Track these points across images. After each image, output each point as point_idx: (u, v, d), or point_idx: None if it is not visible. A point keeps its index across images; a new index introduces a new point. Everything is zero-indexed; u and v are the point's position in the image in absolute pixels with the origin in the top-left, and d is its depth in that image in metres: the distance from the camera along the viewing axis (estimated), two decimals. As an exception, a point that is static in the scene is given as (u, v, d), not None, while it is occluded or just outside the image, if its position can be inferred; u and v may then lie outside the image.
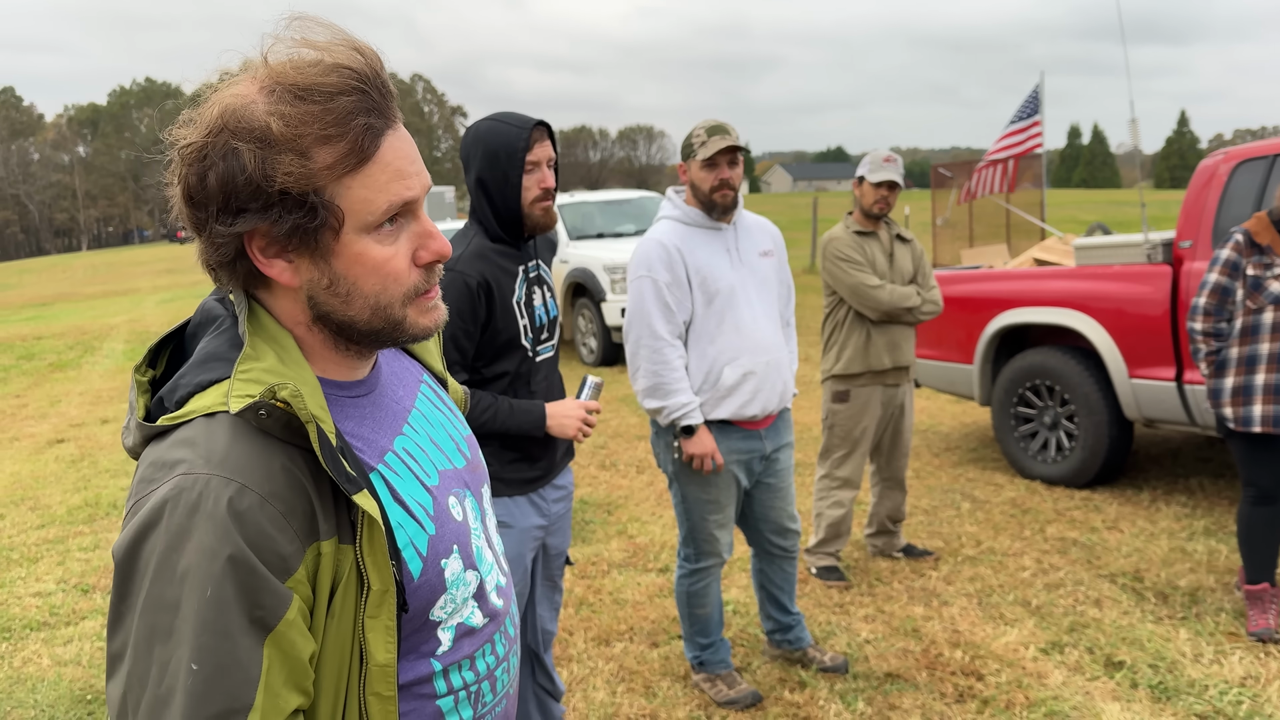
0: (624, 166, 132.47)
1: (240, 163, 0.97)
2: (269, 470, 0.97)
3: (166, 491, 0.95)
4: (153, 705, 0.92)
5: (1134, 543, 4.64)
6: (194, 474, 0.95)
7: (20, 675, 3.85)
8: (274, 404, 0.98)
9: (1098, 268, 5.33)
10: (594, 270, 10.55)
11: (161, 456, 0.98)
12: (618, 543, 5.02)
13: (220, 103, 0.99)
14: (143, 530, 0.94)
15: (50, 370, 12.94)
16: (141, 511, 0.96)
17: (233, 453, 0.97)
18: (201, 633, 0.92)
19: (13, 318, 21.26)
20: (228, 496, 0.94)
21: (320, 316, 1.07)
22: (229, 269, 1.04)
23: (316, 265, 1.03)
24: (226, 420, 0.99)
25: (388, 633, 1.05)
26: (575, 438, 2.59)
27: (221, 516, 0.93)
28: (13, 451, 8.03)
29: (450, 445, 1.24)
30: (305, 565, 0.98)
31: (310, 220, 0.99)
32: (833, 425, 4.42)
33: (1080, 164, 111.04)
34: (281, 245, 1.02)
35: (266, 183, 0.97)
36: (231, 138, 0.97)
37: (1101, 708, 3.21)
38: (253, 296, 1.08)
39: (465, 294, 2.44)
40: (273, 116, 0.97)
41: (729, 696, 3.36)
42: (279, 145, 0.97)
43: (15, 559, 5.26)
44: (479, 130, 2.51)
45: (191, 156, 0.99)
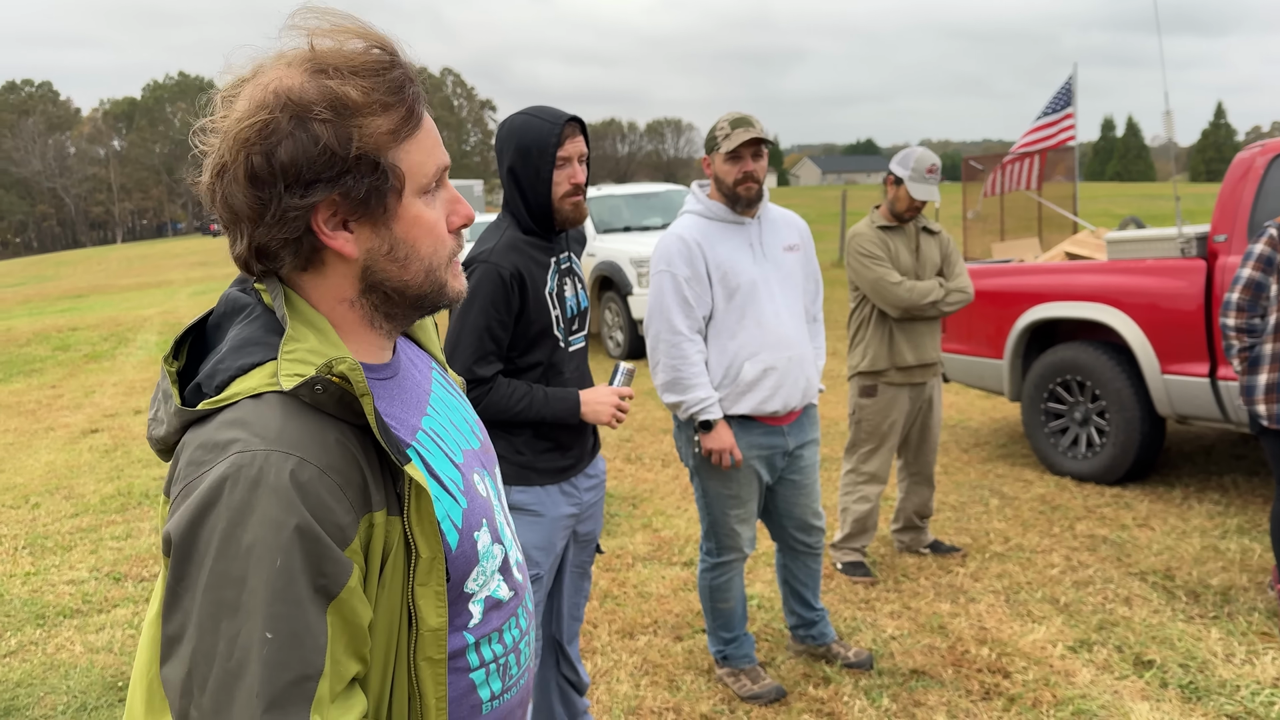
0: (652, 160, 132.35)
1: (312, 134, 1.00)
2: (324, 444, 1.00)
3: (224, 470, 0.96)
4: (223, 680, 0.92)
5: (1165, 540, 4.58)
6: (251, 451, 0.96)
7: (53, 661, 3.91)
8: (330, 378, 1.00)
9: (1130, 262, 5.26)
10: (620, 264, 10.55)
11: (210, 438, 0.99)
12: (642, 536, 5.02)
13: (269, 84, 1.02)
14: (201, 509, 0.95)
15: (85, 361, 13.12)
16: (197, 492, 0.96)
17: (287, 428, 0.99)
18: (274, 602, 0.93)
19: (49, 309, 21.58)
20: (289, 469, 0.96)
21: (371, 287, 1.10)
22: (292, 247, 1.05)
23: (377, 232, 1.07)
24: (275, 399, 1.01)
25: (438, 598, 1.07)
26: (609, 423, 2.62)
27: (285, 488, 0.95)
28: (48, 441, 8.15)
29: (465, 427, 1.27)
30: (360, 536, 1.01)
31: (383, 183, 1.04)
32: (860, 420, 4.40)
33: (1114, 157, 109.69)
34: (347, 215, 1.05)
35: (343, 149, 1.01)
36: (299, 111, 1.00)
37: (1130, 707, 3.18)
38: (284, 282, 1.10)
39: (499, 285, 2.48)
40: (346, 86, 1.01)
41: (753, 691, 3.36)
42: (355, 111, 1.01)
43: (49, 547, 5.34)
44: (513, 124, 2.54)
45: (253, 136, 1.01)
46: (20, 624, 4.31)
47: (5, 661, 3.94)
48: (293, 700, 0.93)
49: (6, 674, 3.82)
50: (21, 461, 7.45)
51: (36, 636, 4.17)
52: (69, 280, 35.35)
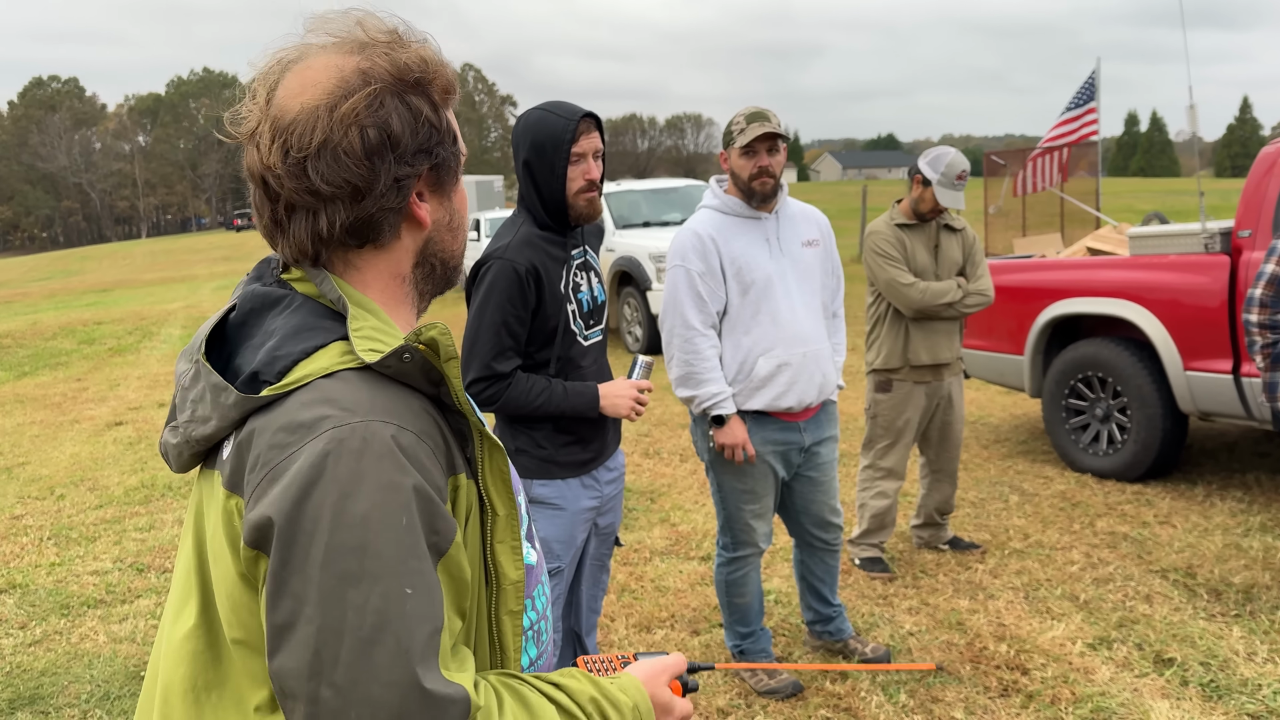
0: (671, 155, 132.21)
1: (414, 107, 1.06)
2: (412, 411, 1.02)
3: (322, 446, 0.95)
4: (358, 649, 0.92)
5: (1187, 538, 4.55)
6: (348, 423, 0.97)
7: (77, 651, 3.96)
8: (418, 346, 1.02)
9: (1153, 257, 5.22)
10: (639, 259, 10.55)
11: (292, 420, 0.99)
12: (660, 530, 5.03)
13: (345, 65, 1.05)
14: (305, 488, 0.94)
15: (110, 354, 13.25)
16: (291, 472, 0.95)
17: (377, 399, 1.00)
18: (407, 559, 0.94)
19: (75, 303, 21.80)
20: (390, 435, 0.97)
21: (423, 260, 1.15)
22: (392, 218, 1.09)
23: (442, 204, 1.14)
24: (353, 375, 1.02)
25: (514, 553, 1.12)
26: (629, 416, 2.64)
27: (393, 453, 0.97)
28: (73, 433, 8.24)
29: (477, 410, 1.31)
30: (449, 496, 1.04)
31: (457, 154, 1.12)
32: (875, 415, 4.39)
33: (1138, 152, 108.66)
34: (426, 187, 1.11)
35: (439, 121, 1.09)
36: (399, 87, 1.06)
37: (1150, 705, 3.16)
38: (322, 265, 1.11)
39: (515, 281, 2.49)
40: (415, 50, 1.07)
41: (769, 686, 3.36)
42: (440, 87, 1.09)
43: (74, 538, 5.41)
44: (528, 120, 2.55)
45: (362, 111, 1.04)
46: (45, 613, 4.36)
47: (30, 650, 3.99)
48: (431, 653, 0.94)
49: (31, 662, 3.87)
50: (47, 453, 7.53)
51: (61, 626, 4.22)
52: (94, 275, 35.68)
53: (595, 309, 2.71)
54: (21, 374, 12.01)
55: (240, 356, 1.07)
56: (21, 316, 18.92)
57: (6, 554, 5.19)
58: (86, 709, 3.49)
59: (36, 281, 34.64)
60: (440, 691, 0.93)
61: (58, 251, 73.23)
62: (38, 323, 17.09)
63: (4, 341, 14.82)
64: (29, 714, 3.47)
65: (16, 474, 6.95)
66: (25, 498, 6.30)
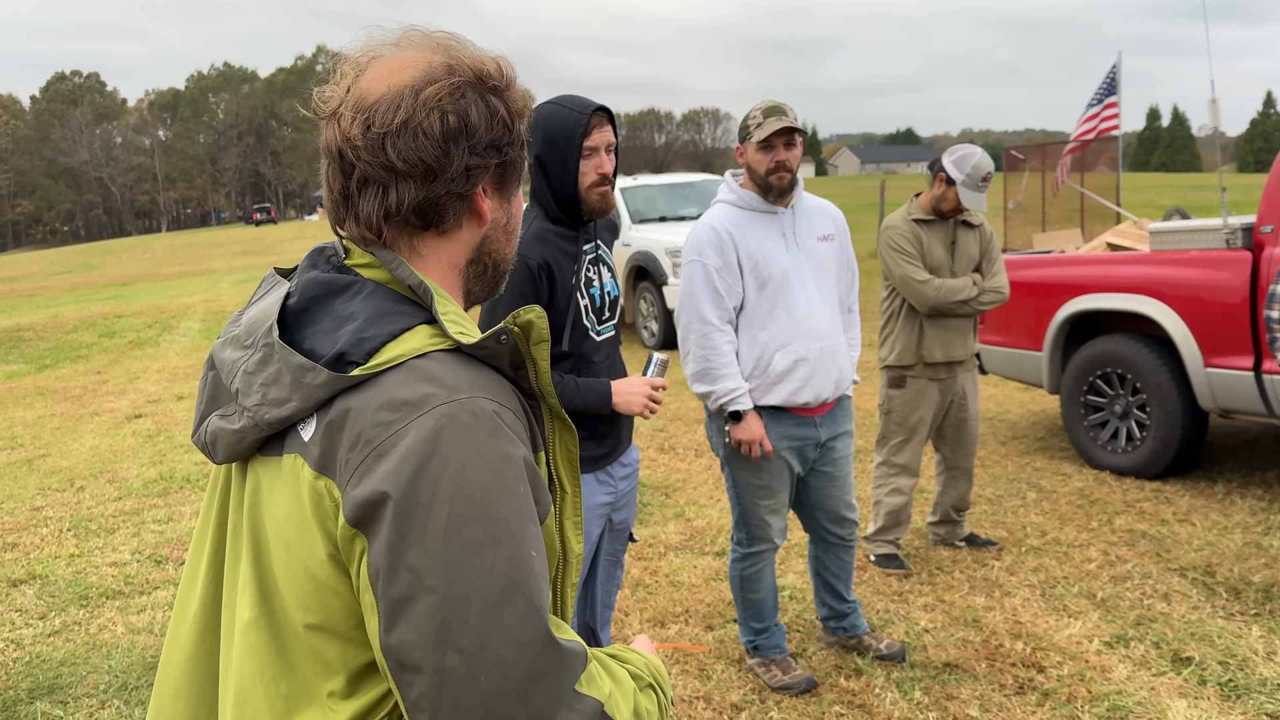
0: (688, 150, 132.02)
1: (491, 104, 1.12)
2: (505, 391, 1.07)
3: (434, 421, 0.98)
4: (486, 614, 0.94)
5: (1206, 536, 4.51)
6: (456, 400, 1.00)
7: (96, 641, 4.00)
8: (514, 328, 1.08)
9: (1173, 253, 5.18)
10: (656, 253, 10.54)
11: (394, 398, 1.01)
12: (675, 525, 5.02)
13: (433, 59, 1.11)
14: (421, 462, 0.97)
15: (130, 348, 13.35)
16: (402, 447, 0.98)
17: (475, 379, 1.04)
18: (527, 524, 0.99)
19: (95, 296, 21.97)
20: (494, 410, 1.02)
21: (477, 258, 1.19)
22: (457, 204, 1.13)
23: (503, 205, 1.19)
24: (447, 356, 1.05)
25: (577, 528, 1.18)
26: (641, 414, 2.62)
27: (501, 426, 1.01)
28: (93, 426, 8.31)
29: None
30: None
31: (522, 159, 1.18)
32: (889, 411, 4.37)
33: (1159, 147, 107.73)
34: (492, 184, 1.16)
35: (513, 122, 1.14)
36: (481, 83, 1.12)
37: (1167, 704, 3.14)
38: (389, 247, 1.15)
39: (527, 276, 2.49)
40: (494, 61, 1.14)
41: (783, 681, 3.35)
42: (513, 84, 1.15)
43: (93, 529, 5.45)
44: (540, 113, 2.54)
45: (446, 98, 1.09)
46: (64, 604, 4.40)
47: (50, 640, 4.03)
48: (546, 609, 0.98)
49: (50, 652, 3.91)
50: (67, 445, 7.60)
51: (80, 617, 4.26)
52: (115, 268, 35.95)
53: (608, 304, 2.69)
54: (42, 366, 12.11)
55: (311, 341, 1.08)
56: (43, 310, 19.09)
57: (27, 545, 5.24)
58: (104, 699, 3.52)
59: (58, 275, 34.93)
60: (568, 645, 0.98)
61: (79, 245, 73.84)
62: (59, 316, 17.23)
63: (25, 334, 14.95)
64: (48, 703, 3.51)
65: (37, 465, 7.01)
66: (45, 489, 6.35)
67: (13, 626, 4.19)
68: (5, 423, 8.67)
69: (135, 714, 3.39)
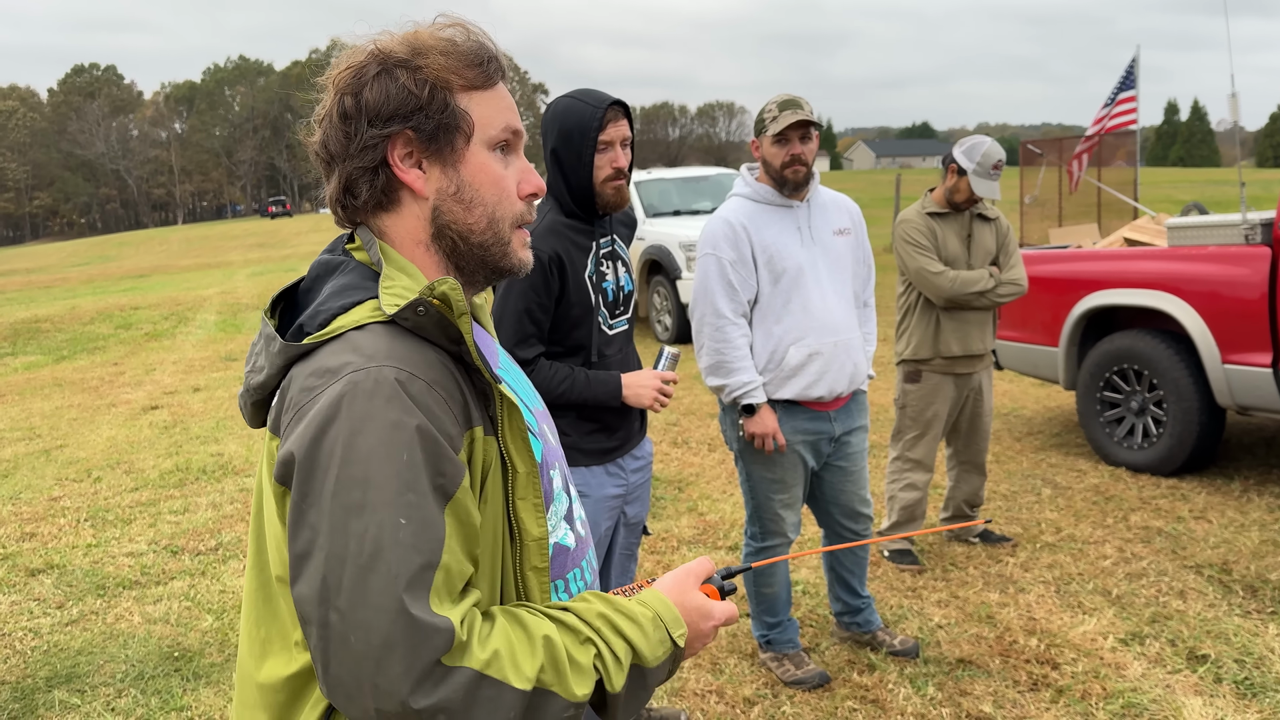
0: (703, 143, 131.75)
1: (394, 78, 1.16)
2: (427, 361, 1.10)
3: (339, 389, 1.05)
4: (357, 576, 1.00)
5: (1222, 533, 4.48)
6: (364, 369, 1.06)
7: (113, 631, 4.03)
8: (431, 300, 1.09)
9: (1191, 248, 5.14)
10: (669, 247, 10.52)
11: (321, 366, 1.09)
12: (688, 519, 5.03)
13: (371, 43, 1.19)
14: (322, 425, 1.04)
15: (146, 339, 13.43)
16: (313, 411, 1.05)
17: (395, 348, 1.09)
18: (404, 492, 1.02)
19: (112, 288, 22.09)
20: (400, 379, 1.06)
21: (440, 229, 1.21)
22: (369, 179, 1.18)
23: (446, 173, 1.19)
24: (380, 327, 1.11)
25: (536, 510, 1.17)
26: (651, 407, 2.63)
27: (400, 395, 1.05)
28: (110, 417, 8.36)
29: (528, 391, 1.37)
30: (464, 448, 1.10)
31: (451, 121, 1.17)
32: (904, 406, 4.36)
33: (1177, 142, 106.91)
34: (418, 152, 1.18)
35: (418, 89, 1.16)
36: (384, 62, 1.16)
37: (1182, 702, 3.12)
38: (370, 230, 1.23)
39: (538, 268, 2.49)
40: (423, 35, 1.18)
41: (796, 676, 3.35)
42: (428, 53, 1.17)
43: (110, 520, 5.49)
44: (556, 107, 2.55)
45: (346, 81, 1.17)
46: (81, 594, 4.44)
47: (67, 630, 4.06)
48: (423, 584, 1.02)
49: (68, 641, 3.94)
50: (84, 436, 7.65)
51: (97, 606, 4.29)
52: (131, 260, 36.14)
53: (620, 298, 2.69)
54: (60, 358, 12.20)
55: (302, 316, 1.18)
56: (60, 301, 19.21)
57: (45, 535, 5.28)
58: (121, 688, 3.54)
59: (75, 267, 35.16)
60: (425, 620, 1.00)
61: (95, 237, 74.26)
62: (76, 308, 17.34)
63: (43, 326, 15.06)
64: (66, 691, 3.54)
65: (55, 456, 7.06)
66: (63, 479, 6.40)
67: (31, 615, 4.23)
68: (23, 413, 8.74)
69: (152, 702, 3.42)
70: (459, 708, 1.01)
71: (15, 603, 4.38)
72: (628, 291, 2.73)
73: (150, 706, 3.40)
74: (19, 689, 3.58)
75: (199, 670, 3.65)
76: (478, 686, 1.02)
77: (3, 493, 6.15)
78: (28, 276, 30.66)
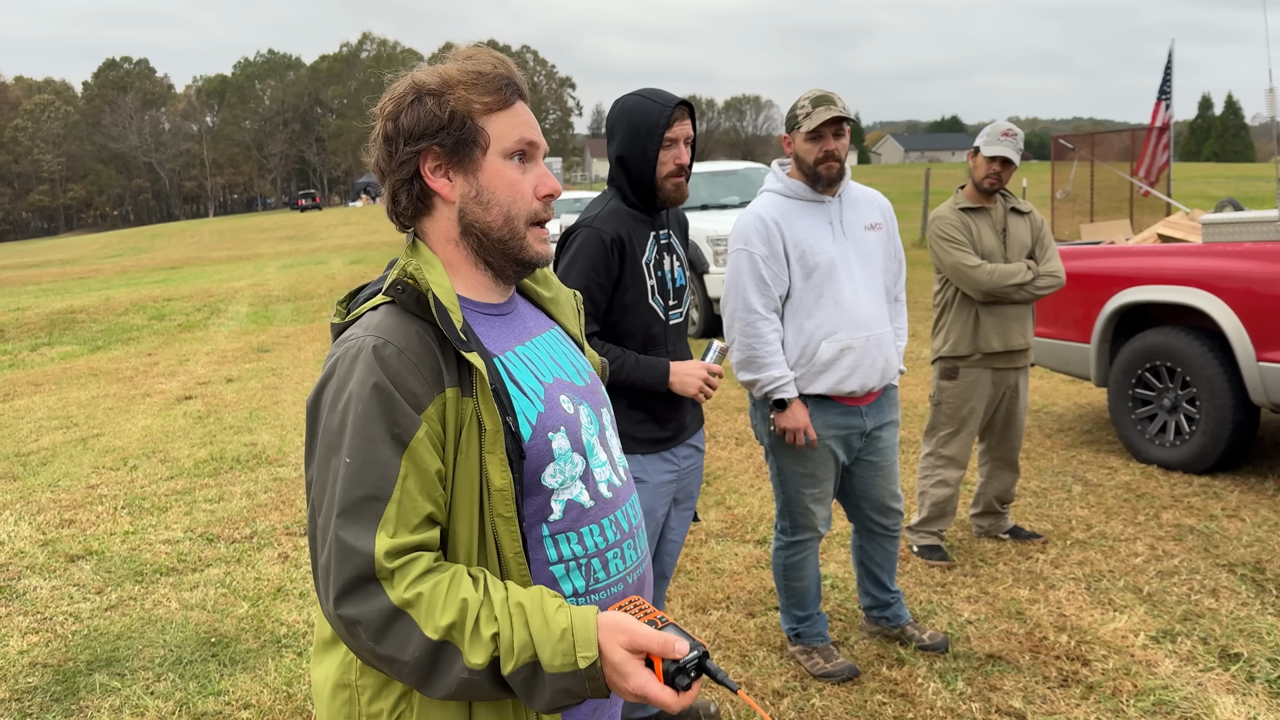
0: (730, 137, 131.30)
1: (425, 106, 1.38)
2: (405, 332, 1.32)
3: (339, 354, 1.33)
4: (327, 503, 1.27)
5: (1256, 532, 4.45)
6: (357, 338, 1.32)
7: (151, 616, 4.10)
8: (406, 280, 1.33)
9: (1226, 245, 5.09)
10: (697, 242, 10.53)
11: (342, 338, 1.37)
12: (716, 513, 5.04)
13: (410, 77, 1.43)
14: (322, 383, 1.33)
15: (179, 330, 13.59)
16: (323, 372, 1.34)
17: (384, 322, 1.33)
18: (354, 436, 1.26)
19: (145, 280, 22.36)
20: (376, 345, 1.30)
21: (466, 227, 1.42)
22: (407, 188, 1.41)
23: (468, 180, 1.40)
24: (386, 306, 1.36)
25: (502, 464, 1.33)
26: (696, 396, 2.73)
27: (369, 358, 1.29)
28: (144, 406, 8.48)
29: (570, 369, 1.52)
30: (435, 406, 1.30)
31: (468, 136, 1.38)
32: (940, 403, 4.35)
33: (1211, 136, 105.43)
34: (445, 164, 1.40)
35: (442, 112, 1.38)
36: (418, 92, 1.39)
37: (1214, 700, 3.11)
38: (415, 233, 1.45)
39: (600, 248, 2.61)
40: (450, 69, 1.41)
41: (825, 669, 3.36)
42: (453, 85, 1.39)
43: (146, 508, 5.58)
44: (625, 105, 2.69)
45: (389, 110, 1.40)
46: (120, 580, 4.52)
47: (107, 615, 4.14)
48: (362, 514, 1.24)
49: (108, 626, 4.02)
50: (120, 425, 7.77)
51: (135, 592, 4.37)
52: (164, 252, 36.53)
53: (674, 290, 2.79)
54: (95, 348, 12.37)
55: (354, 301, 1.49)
56: (95, 292, 19.47)
57: (83, 522, 5.38)
58: (160, 672, 3.61)
59: (108, 258, 35.58)
60: (349, 542, 1.24)
61: (128, 229, 75.08)
62: (110, 299, 17.57)
63: (78, 316, 15.27)
64: (106, 675, 3.61)
65: (92, 445, 7.18)
66: (100, 468, 6.50)
67: (71, 600, 4.31)
68: (60, 403, 8.88)
69: (190, 687, 3.48)
70: (373, 628, 1.23)
71: (56, 588, 4.47)
72: (680, 285, 2.82)
73: (188, 691, 3.47)
74: (60, 672, 3.65)
75: (235, 656, 3.71)
76: (393, 618, 1.23)
77: (41, 480, 6.26)
78: (63, 268, 31.08)
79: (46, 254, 44.04)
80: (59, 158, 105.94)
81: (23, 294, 20.48)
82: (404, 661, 1.23)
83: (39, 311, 16.03)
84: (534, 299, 1.62)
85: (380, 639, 1.23)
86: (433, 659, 1.22)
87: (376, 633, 1.23)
